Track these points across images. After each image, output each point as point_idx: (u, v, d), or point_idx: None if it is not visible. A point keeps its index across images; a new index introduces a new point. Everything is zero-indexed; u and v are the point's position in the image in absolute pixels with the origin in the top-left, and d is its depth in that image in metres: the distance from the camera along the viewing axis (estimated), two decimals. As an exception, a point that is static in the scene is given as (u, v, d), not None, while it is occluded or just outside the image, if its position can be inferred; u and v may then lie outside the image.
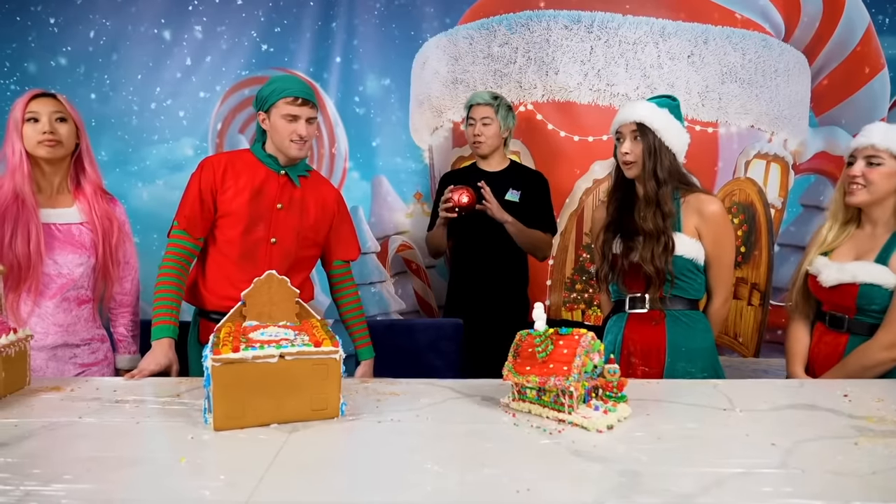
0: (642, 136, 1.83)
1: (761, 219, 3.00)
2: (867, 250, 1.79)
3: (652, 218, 1.82)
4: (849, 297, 1.78)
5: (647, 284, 1.86)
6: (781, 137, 2.99)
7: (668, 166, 1.84)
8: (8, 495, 0.95)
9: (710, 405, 1.41)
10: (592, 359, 1.33)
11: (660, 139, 1.83)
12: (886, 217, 1.79)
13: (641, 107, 1.86)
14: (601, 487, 1.00)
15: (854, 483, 1.01)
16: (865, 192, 1.77)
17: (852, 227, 1.86)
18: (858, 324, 1.79)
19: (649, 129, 1.82)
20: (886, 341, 1.72)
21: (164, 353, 1.73)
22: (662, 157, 1.83)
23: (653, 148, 1.82)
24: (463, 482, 1.02)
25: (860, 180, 1.77)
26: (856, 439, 1.19)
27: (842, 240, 1.86)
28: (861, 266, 1.76)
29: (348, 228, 2.11)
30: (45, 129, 1.80)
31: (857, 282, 1.76)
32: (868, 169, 1.76)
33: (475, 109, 2.57)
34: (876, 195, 1.77)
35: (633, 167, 1.87)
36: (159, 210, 2.90)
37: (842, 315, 1.82)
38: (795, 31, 2.96)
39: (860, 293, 1.76)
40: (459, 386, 1.54)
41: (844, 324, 1.81)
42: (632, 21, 2.88)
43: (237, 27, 2.95)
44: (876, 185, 1.75)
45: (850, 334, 1.80)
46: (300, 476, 1.04)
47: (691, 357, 1.85)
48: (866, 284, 1.74)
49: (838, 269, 1.79)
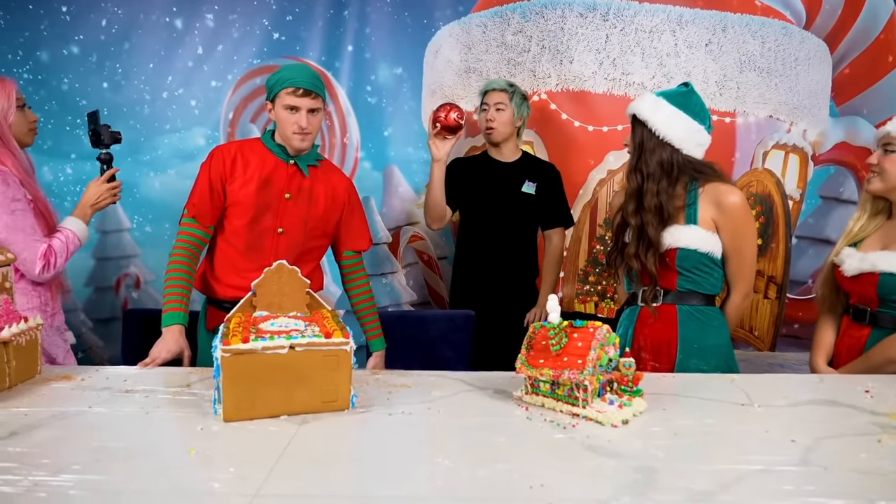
0: (634, 130, 1.81)
1: (779, 211, 2.95)
2: (893, 240, 1.74)
3: (633, 214, 1.79)
4: (870, 288, 1.73)
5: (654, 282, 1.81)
6: (801, 127, 2.93)
7: (661, 160, 1.77)
8: (16, 486, 0.95)
9: (727, 400, 1.38)
10: (607, 352, 1.30)
11: (652, 132, 1.77)
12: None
13: (641, 99, 1.82)
14: (616, 483, 0.98)
15: (878, 482, 0.98)
16: (879, 179, 1.74)
17: (882, 219, 1.81)
18: (881, 316, 1.73)
19: (640, 122, 1.79)
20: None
21: (175, 341, 1.73)
22: (653, 152, 1.77)
23: (641, 141, 1.79)
24: (475, 477, 1.00)
25: (875, 168, 1.75)
26: (879, 436, 1.16)
27: (870, 231, 1.81)
28: (882, 255, 1.72)
29: (359, 218, 2.09)
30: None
31: (876, 270, 1.71)
32: (884, 156, 1.73)
33: (489, 95, 2.54)
34: (890, 182, 1.73)
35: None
36: (171, 199, 2.90)
37: (864, 307, 1.77)
38: (817, 19, 2.90)
39: (880, 283, 1.70)
40: (471, 378, 1.52)
41: (867, 316, 1.76)
42: (648, 9, 2.83)
43: (249, 15, 2.93)
44: (889, 173, 1.72)
45: (873, 327, 1.75)
46: (310, 468, 1.03)
47: (704, 354, 1.79)
48: (887, 273, 1.69)
49: (860, 258, 1.75)
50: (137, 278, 3.01)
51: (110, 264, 3.00)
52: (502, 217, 2.54)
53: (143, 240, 3.00)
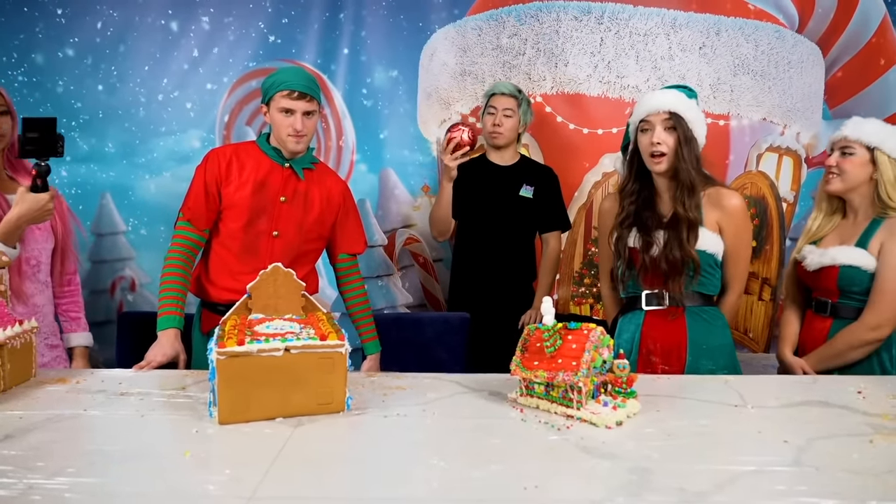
0: (677, 125, 1.77)
1: (773, 213, 2.97)
2: (849, 237, 1.87)
3: (693, 207, 1.77)
4: (830, 280, 1.85)
5: (666, 279, 1.80)
6: (794, 130, 2.95)
7: (697, 156, 1.79)
8: (11, 489, 0.95)
9: (721, 401, 1.39)
10: (602, 354, 1.31)
11: (691, 129, 1.78)
12: (865, 205, 1.87)
13: (672, 95, 1.80)
14: (610, 485, 0.98)
15: (870, 482, 0.99)
16: (839, 180, 1.86)
17: (838, 217, 1.95)
18: (842, 307, 1.86)
19: (682, 118, 1.77)
20: (872, 322, 1.79)
21: (170, 344, 1.73)
22: (694, 147, 1.79)
23: (688, 137, 1.77)
24: (469, 478, 1.00)
25: (835, 170, 1.87)
26: (871, 437, 1.17)
27: (828, 229, 1.94)
28: (841, 250, 1.84)
29: (354, 221, 2.10)
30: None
31: (836, 264, 1.84)
32: (842, 159, 1.85)
33: (498, 99, 2.54)
34: (849, 183, 1.85)
35: (663, 160, 1.78)
36: (166, 202, 2.89)
37: (826, 300, 1.90)
38: (809, 23, 2.92)
39: (840, 275, 1.83)
40: (466, 380, 1.53)
41: (828, 308, 1.89)
42: (643, 12, 2.84)
43: (244, 18, 2.93)
44: (848, 174, 1.84)
45: (834, 318, 1.87)
46: (305, 470, 1.03)
47: (713, 354, 1.80)
48: (846, 266, 1.82)
49: (821, 253, 1.88)
50: (132, 281, 3.00)
51: (105, 267, 2.99)
52: (500, 220, 2.54)
53: (139, 243, 2.99)
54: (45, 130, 1.70)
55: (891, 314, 1.78)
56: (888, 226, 1.81)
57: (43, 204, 1.73)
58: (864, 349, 1.81)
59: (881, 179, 1.81)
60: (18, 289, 1.87)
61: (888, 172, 1.81)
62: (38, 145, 1.68)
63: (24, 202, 1.70)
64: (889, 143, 1.81)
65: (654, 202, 1.85)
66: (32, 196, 1.71)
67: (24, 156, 1.72)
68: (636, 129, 1.84)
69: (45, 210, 1.74)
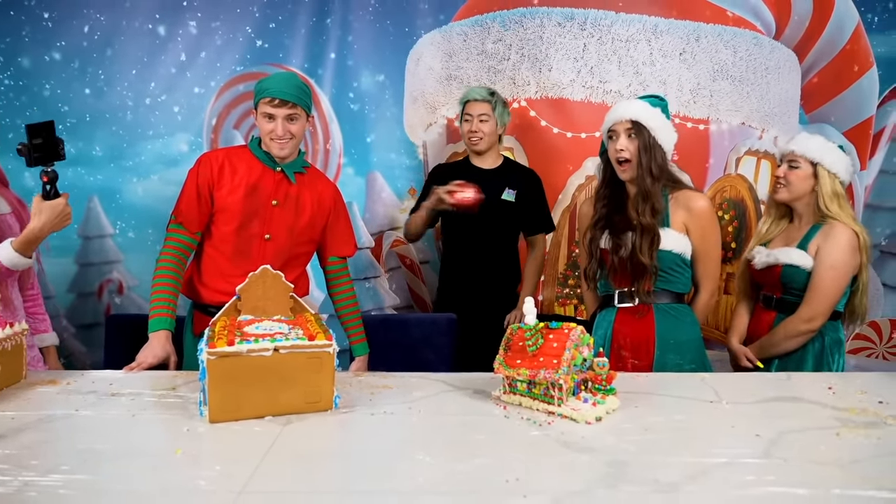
0: (637, 134, 1.86)
1: (752, 215, 3.03)
2: (793, 240, 2.08)
3: (648, 213, 1.86)
4: (775, 278, 2.07)
5: (634, 279, 1.90)
6: (772, 134, 3.02)
7: (660, 163, 1.87)
8: (7, 485, 0.97)
9: (697, 398, 1.44)
10: (582, 352, 1.35)
11: (654, 137, 1.86)
12: (808, 212, 2.08)
13: (636, 105, 1.89)
14: (589, 477, 1.02)
15: (835, 472, 1.04)
16: (786, 190, 2.08)
17: (786, 222, 2.17)
18: (784, 302, 2.08)
19: (644, 126, 1.85)
20: (806, 315, 2.01)
21: (161, 346, 1.74)
22: (656, 155, 1.86)
23: (648, 145, 1.85)
24: (454, 472, 1.04)
25: (782, 181, 2.08)
26: (838, 430, 1.22)
27: (776, 232, 2.16)
28: (784, 251, 2.06)
29: (344, 225, 2.13)
30: None
31: (780, 263, 2.05)
32: (789, 171, 2.06)
33: (472, 105, 2.58)
34: (794, 194, 2.06)
35: (627, 167, 1.89)
36: (154, 205, 2.91)
37: (771, 295, 2.12)
38: (786, 30, 2.99)
39: (783, 273, 2.05)
40: (451, 379, 1.57)
41: (773, 302, 2.11)
42: (624, 18, 2.90)
43: (232, 23, 2.95)
44: (794, 185, 2.05)
45: (778, 312, 2.09)
46: (294, 466, 1.07)
47: (680, 349, 1.90)
48: (787, 266, 2.03)
49: (767, 254, 2.10)
50: (120, 284, 3.01)
51: (93, 270, 2.99)
52: (484, 223, 2.58)
53: (126, 245, 3.00)
54: (47, 135, 1.67)
55: (823, 308, 2.00)
56: (824, 231, 2.01)
57: (61, 210, 1.70)
58: (799, 339, 2.03)
59: (820, 192, 2.03)
60: (5, 294, 1.88)
61: (827, 186, 2.02)
62: (44, 151, 1.64)
63: (43, 212, 1.67)
64: (828, 160, 2.01)
65: (626, 206, 1.93)
66: (48, 205, 1.67)
67: (34, 164, 1.65)
68: (606, 137, 1.94)
69: (65, 215, 1.72)
